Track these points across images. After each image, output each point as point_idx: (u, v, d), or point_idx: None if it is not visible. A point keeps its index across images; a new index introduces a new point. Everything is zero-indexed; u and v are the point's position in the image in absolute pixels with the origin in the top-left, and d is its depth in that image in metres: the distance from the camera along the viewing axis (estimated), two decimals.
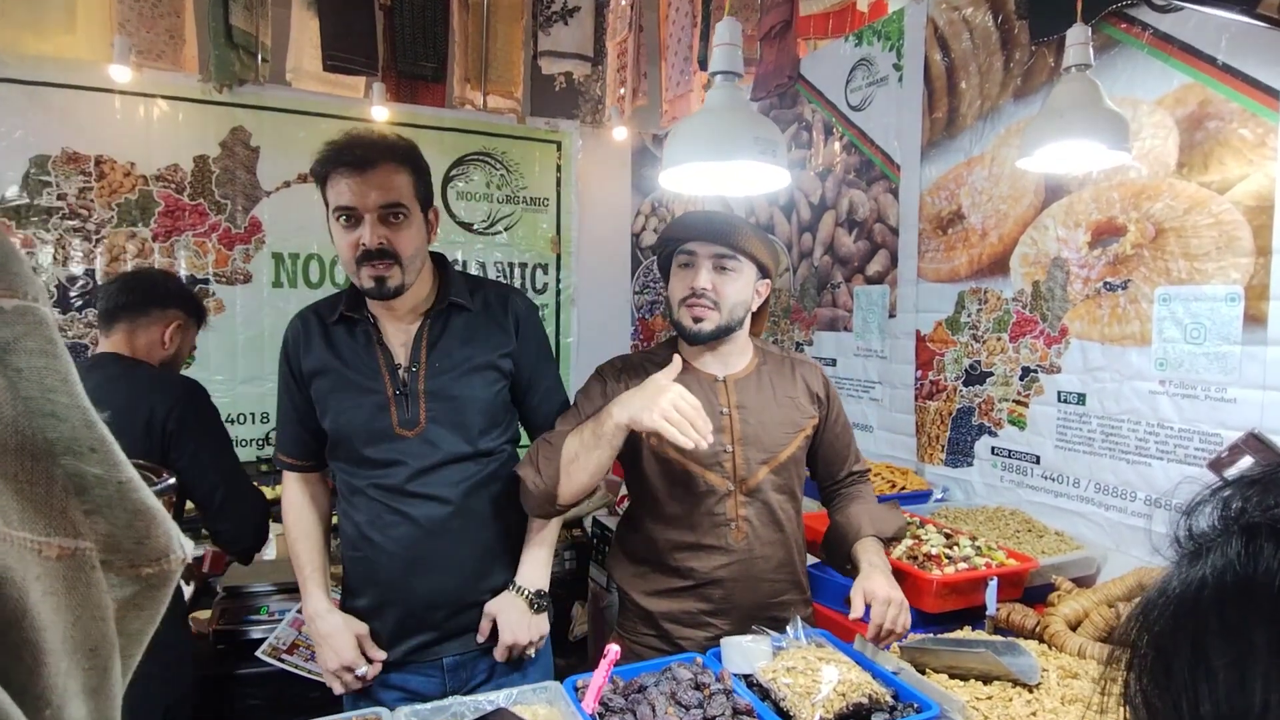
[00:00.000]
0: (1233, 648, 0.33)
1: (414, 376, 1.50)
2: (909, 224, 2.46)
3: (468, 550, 1.53)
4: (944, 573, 1.65)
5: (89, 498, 0.26)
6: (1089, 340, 1.92)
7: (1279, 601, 0.33)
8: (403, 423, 1.48)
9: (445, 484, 1.50)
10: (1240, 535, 0.35)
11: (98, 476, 0.26)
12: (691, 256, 1.51)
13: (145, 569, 0.27)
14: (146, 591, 0.28)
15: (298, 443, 1.56)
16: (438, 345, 1.51)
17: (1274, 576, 0.33)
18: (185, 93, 2.93)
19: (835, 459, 1.68)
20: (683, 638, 1.53)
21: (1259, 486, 0.37)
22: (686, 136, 1.11)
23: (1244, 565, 0.35)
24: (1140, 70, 1.78)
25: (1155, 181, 1.77)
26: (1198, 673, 0.34)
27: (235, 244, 3.07)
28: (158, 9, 2.77)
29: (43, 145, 2.76)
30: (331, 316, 1.52)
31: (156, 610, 0.28)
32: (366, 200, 1.37)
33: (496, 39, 3.28)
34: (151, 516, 0.28)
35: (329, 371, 1.50)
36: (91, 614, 0.26)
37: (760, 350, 1.64)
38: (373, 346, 1.50)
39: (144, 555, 0.27)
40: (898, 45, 2.49)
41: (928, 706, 1.24)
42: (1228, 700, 0.33)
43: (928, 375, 2.40)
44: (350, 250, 1.40)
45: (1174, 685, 0.36)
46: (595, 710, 1.21)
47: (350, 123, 3.19)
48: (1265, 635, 0.32)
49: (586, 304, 3.74)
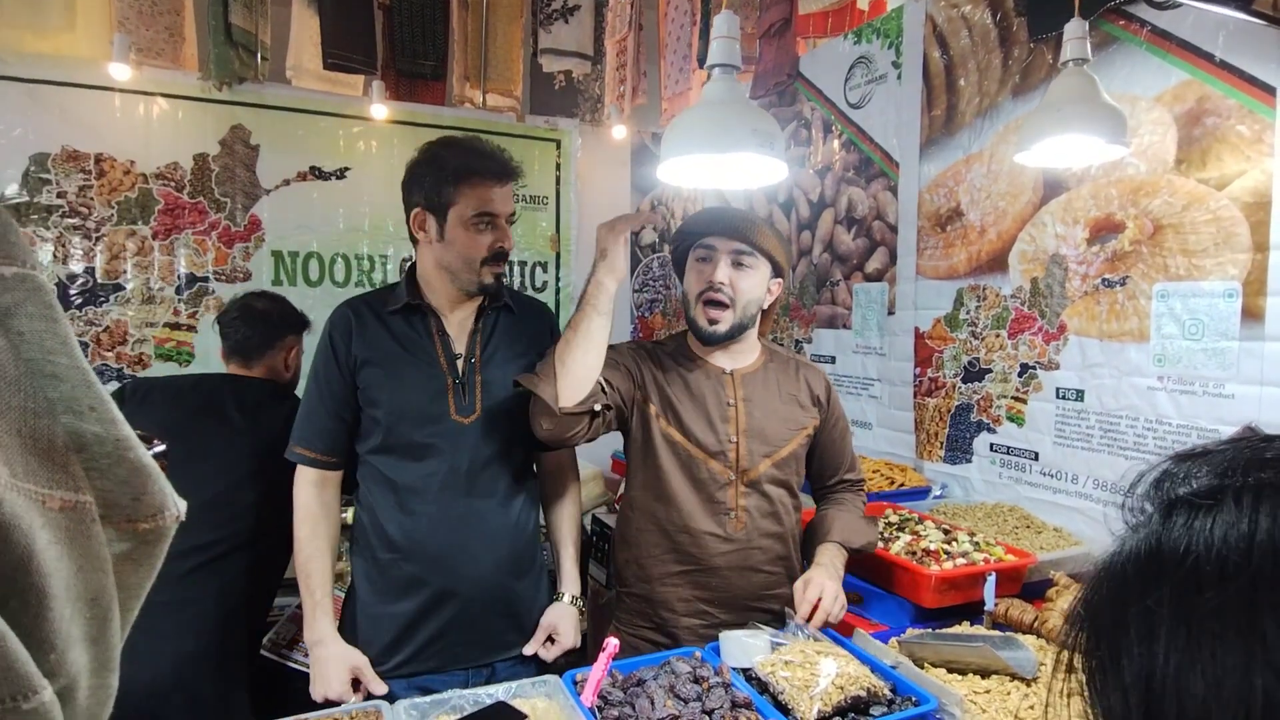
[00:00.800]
0: (1145, 614, 0.35)
1: (472, 367, 1.57)
2: (908, 221, 2.46)
3: (506, 542, 1.57)
4: (942, 568, 1.65)
5: (88, 454, 0.27)
6: (1087, 337, 1.93)
7: (1181, 568, 0.34)
8: (460, 409, 1.54)
9: (496, 474, 1.56)
10: (1161, 510, 0.37)
11: (96, 434, 0.27)
12: (710, 251, 1.54)
13: (142, 524, 0.28)
14: (142, 547, 0.28)
15: (325, 435, 1.54)
16: (493, 338, 1.60)
17: (1179, 544, 0.35)
18: (185, 91, 2.93)
19: (829, 463, 1.70)
20: (679, 627, 1.54)
21: (1188, 462, 0.38)
22: (684, 129, 1.11)
23: (1157, 537, 0.36)
24: (1138, 67, 1.79)
25: (1154, 178, 1.77)
26: (1120, 640, 0.36)
27: (235, 242, 3.07)
28: (157, 7, 2.77)
29: (43, 143, 2.76)
30: (388, 307, 1.57)
31: (153, 565, 0.29)
32: (506, 208, 1.54)
33: (496, 37, 3.28)
34: (147, 474, 0.29)
35: (386, 358, 1.53)
36: (92, 565, 0.26)
37: (767, 349, 1.68)
38: (432, 335, 1.56)
39: (140, 511, 0.28)
40: (897, 43, 2.50)
41: (925, 700, 1.24)
42: (1142, 663, 0.34)
43: (926, 372, 2.40)
44: (483, 250, 1.52)
45: (1104, 653, 0.37)
46: (594, 704, 1.22)
47: (349, 120, 3.19)
48: (1170, 599, 0.34)
49: None
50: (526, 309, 1.70)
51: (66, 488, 0.26)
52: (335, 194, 3.22)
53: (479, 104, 3.32)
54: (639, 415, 1.57)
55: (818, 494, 1.75)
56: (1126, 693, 0.35)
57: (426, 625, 1.53)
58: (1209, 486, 0.36)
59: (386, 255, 3.31)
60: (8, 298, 0.26)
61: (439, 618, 1.53)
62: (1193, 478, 0.37)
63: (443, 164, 1.50)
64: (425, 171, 1.52)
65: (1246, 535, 0.32)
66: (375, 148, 3.27)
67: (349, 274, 3.26)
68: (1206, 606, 0.33)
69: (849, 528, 1.62)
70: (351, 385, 1.53)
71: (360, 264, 3.28)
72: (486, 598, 1.55)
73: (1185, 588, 0.34)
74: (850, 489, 1.73)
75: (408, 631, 1.53)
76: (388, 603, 1.53)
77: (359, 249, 3.27)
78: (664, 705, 1.19)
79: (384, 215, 3.27)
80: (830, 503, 1.71)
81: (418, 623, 1.53)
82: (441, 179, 1.50)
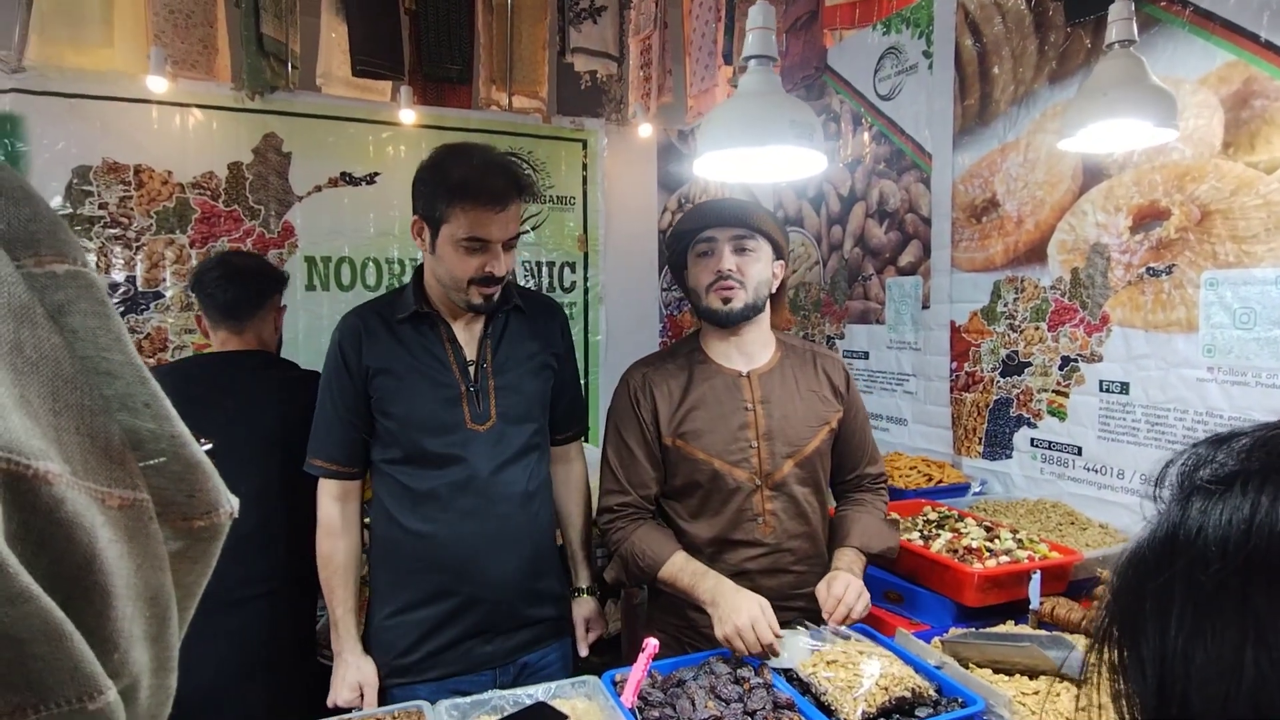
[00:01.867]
0: (1160, 594, 0.37)
1: (484, 373, 1.55)
2: (942, 213, 2.42)
3: (528, 541, 1.59)
4: (985, 566, 1.62)
5: (144, 451, 0.27)
6: (1132, 328, 1.88)
7: (1191, 549, 0.36)
8: (474, 417, 1.53)
9: (515, 477, 1.57)
10: (1181, 495, 0.39)
11: (151, 431, 0.27)
12: (711, 243, 1.53)
13: (197, 522, 0.28)
14: (198, 544, 0.28)
15: (344, 446, 1.55)
16: (502, 343, 1.59)
17: (1192, 528, 0.37)
18: (219, 101, 2.98)
19: (850, 456, 1.67)
20: (709, 627, 1.53)
21: (1212, 448, 0.40)
22: (721, 123, 1.10)
23: (1174, 521, 0.38)
24: (1182, 49, 1.74)
25: (1200, 163, 1.71)
26: (1139, 619, 0.38)
27: (269, 248, 3.11)
28: (191, 19, 2.83)
29: (84, 156, 2.83)
30: (396, 315, 1.55)
31: (208, 563, 0.29)
32: (503, 233, 1.46)
33: (520, 39, 3.29)
34: (202, 471, 0.29)
35: (397, 367, 1.52)
36: (151, 563, 0.26)
37: (782, 343, 1.65)
38: (443, 344, 1.55)
39: (195, 509, 0.28)
40: (927, 32, 2.46)
41: (972, 701, 1.21)
42: (1157, 639, 0.36)
43: (963, 367, 2.36)
44: (470, 272, 1.46)
45: (1126, 633, 0.39)
46: (634, 704, 1.21)
47: (377, 126, 3.22)
48: (1181, 579, 0.36)
49: (615, 302, 3.74)
50: (536, 307, 1.68)
51: (125, 485, 0.26)
52: (365, 199, 3.25)
53: (505, 106, 3.34)
54: (657, 440, 1.58)
55: (838, 490, 1.72)
56: (1144, 667, 0.37)
57: (454, 629, 1.54)
58: (1227, 472, 0.37)
59: (416, 258, 3.34)
60: (61, 295, 0.26)
61: (465, 622, 1.54)
62: (1213, 463, 0.39)
63: (442, 177, 1.44)
64: (426, 180, 1.47)
65: (1247, 517, 0.34)
66: (404, 152, 3.30)
67: (380, 278, 3.29)
68: (1209, 585, 0.35)
69: (868, 531, 1.60)
70: (364, 395, 1.52)
71: (390, 267, 3.31)
72: (513, 598, 1.57)
73: (1193, 568, 0.36)
74: (871, 485, 1.70)
75: (435, 636, 1.54)
76: (414, 609, 1.54)
77: (389, 253, 3.30)
78: (705, 706, 1.18)
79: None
80: (850, 503, 1.68)
81: (445, 627, 1.54)
82: (436, 193, 1.44)
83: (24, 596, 0.22)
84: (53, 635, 0.23)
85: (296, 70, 3.01)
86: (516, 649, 1.58)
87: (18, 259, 0.26)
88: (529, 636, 1.61)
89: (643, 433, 1.56)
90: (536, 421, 1.62)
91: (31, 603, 0.22)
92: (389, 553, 1.56)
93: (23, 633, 0.22)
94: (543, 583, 1.63)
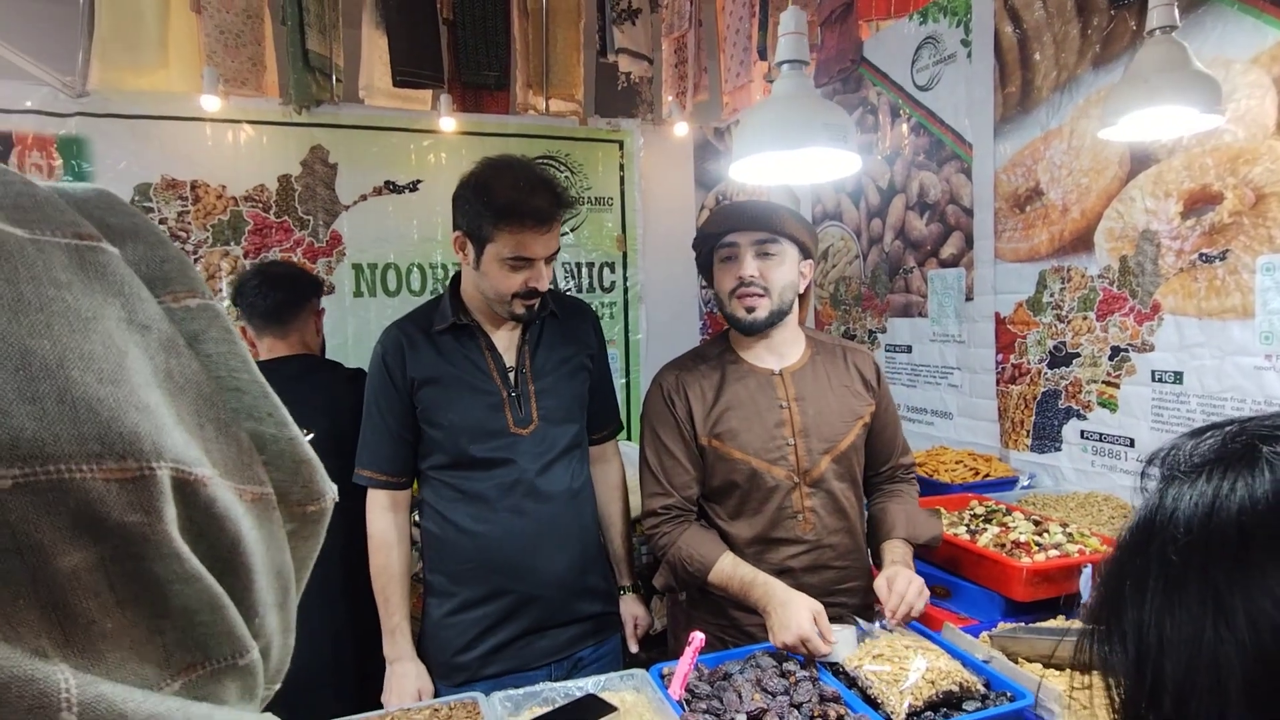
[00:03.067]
0: (1138, 573, 0.40)
1: (524, 378, 1.60)
2: (984, 204, 2.38)
3: (576, 539, 1.64)
4: (1034, 560, 1.60)
5: (267, 453, 0.32)
6: (1184, 315, 1.83)
7: (1165, 530, 0.39)
8: (517, 422, 1.58)
9: (560, 476, 1.61)
10: (1160, 485, 0.42)
11: (273, 435, 0.33)
12: (733, 248, 1.53)
13: (309, 507, 0.34)
14: (308, 526, 0.34)
15: (394, 457, 1.60)
16: (540, 348, 1.63)
17: (1168, 510, 0.40)
18: (268, 116, 3.09)
19: (883, 448, 1.66)
20: (753, 625, 1.54)
21: (1189, 438, 0.42)
22: (756, 127, 1.11)
23: (1153, 506, 0.41)
24: (1231, 28, 1.68)
25: (1253, 144, 1.66)
26: (1120, 598, 0.41)
27: (318, 257, 3.22)
28: (240, 39, 2.93)
29: (145, 174, 2.96)
30: (435, 326, 1.59)
31: (317, 541, 0.35)
32: (545, 250, 1.52)
33: (556, 43, 3.33)
34: (312, 466, 0.34)
35: (441, 377, 1.57)
36: (276, 544, 0.32)
37: (812, 340, 1.65)
38: (482, 352, 1.59)
39: (307, 496, 0.34)
40: (965, 20, 2.42)
41: (1022, 695, 1.21)
42: (1135, 615, 0.40)
43: (1009, 359, 2.33)
44: (515, 287, 1.52)
45: (1110, 612, 0.42)
46: (682, 697, 1.23)
47: (419, 134, 3.30)
48: (1155, 558, 0.39)
49: (654, 301, 3.76)
50: (569, 311, 1.72)
51: (255, 482, 0.31)
52: (409, 206, 3.33)
53: (542, 110, 3.39)
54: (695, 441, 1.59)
55: (872, 483, 1.70)
56: (1125, 641, 0.40)
57: (510, 627, 1.59)
58: (1198, 461, 0.41)
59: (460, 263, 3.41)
60: (195, 325, 0.31)
61: (521, 619, 1.59)
62: (1191, 453, 0.41)
63: (488, 198, 1.47)
64: (470, 199, 1.50)
65: (1210, 501, 0.38)
66: (445, 159, 3.38)
67: (425, 283, 3.37)
68: (1177, 563, 0.38)
69: (914, 521, 1.59)
70: (409, 405, 1.57)
71: (434, 273, 3.39)
72: (565, 595, 1.61)
73: (1165, 548, 0.39)
74: (904, 477, 1.69)
75: (492, 634, 1.59)
76: (471, 608, 1.59)
77: (433, 258, 3.38)
78: (751, 699, 1.20)
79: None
80: (886, 495, 1.67)
81: (501, 625, 1.59)
82: (483, 214, 1.47)
83: (194, 576, 0.27)
84: (215, 606, 0.28)
85: (340, 83, 3.10)
86: (569, 643, 1.63)
87: (159, 296, 0.31)
88: (580, 631, 1.65)
89: (680, 433, 1.57)
90: (577, 422, 1.67)
91: (200, 581, 0.28)
92: (443, 552, 1.61)
93: (193, 604, 0.28)
94: (591, 579, 1.68)
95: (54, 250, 0.27)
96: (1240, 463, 0.38)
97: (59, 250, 0.27)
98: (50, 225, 0.28)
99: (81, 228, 0.29)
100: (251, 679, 0.31)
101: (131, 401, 0.26)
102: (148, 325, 0.29)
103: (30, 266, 0.26)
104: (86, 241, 0.28)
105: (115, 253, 0.29)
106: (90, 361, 0.26)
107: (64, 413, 0.24)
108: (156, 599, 0.27)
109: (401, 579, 1.61)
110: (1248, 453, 0.38)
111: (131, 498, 0.25)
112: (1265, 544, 0.35)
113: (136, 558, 0.26)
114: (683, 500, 1.56)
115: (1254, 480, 0.37)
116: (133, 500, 0.25)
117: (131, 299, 0.29)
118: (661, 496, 1.56)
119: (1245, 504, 0.37)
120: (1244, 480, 0.37)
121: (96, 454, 0.25)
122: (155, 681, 0.27)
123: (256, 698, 0.32)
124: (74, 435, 0.24)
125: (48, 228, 0.28)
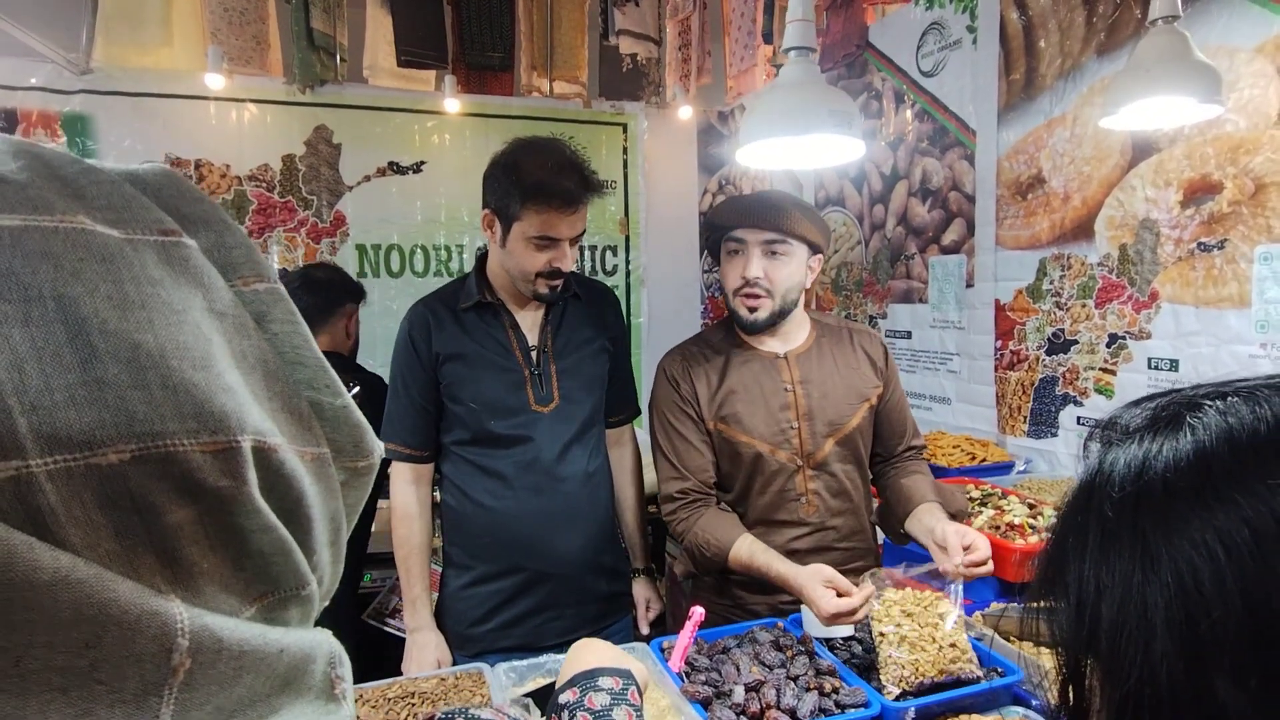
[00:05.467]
0: (1078, 530, 0.44)
1: (546, 357, 1.63)
2: (986, 190, 2.39)
3: (592, 518, 1.67)
4: (1027, 542, 1.63)
5: (324, 418, 0.38)
6: (1182, 304, 1.85)
7: (1101, 490, 0.43)
8: (539, 399, 1.61)
9: (578, 456, 1.64)
10: (1101, 450, 0.46)
11: (330, 403, 0.38)
12: (740, 244, 1.51)
13: (359, 462, 0.40)
14: (358, 478, 0.40)
15: (418, 430, 1.63)
16: (562, 329, 1.66)
17: (1105, 473, 0.44)
18: (272, 95, 3.09)
19: (894, 430, 1.66)
20: (755, 603, 1.57)
21: (1128, 408, 0.47)
22: (761, 113, 1.13)
23: (1092, 470, 0.45)
24: (1236, 17, 1.69)
25: (1254, 134, 1.68)
26: (1063, 553, 0.45)
27: (322, 237, 3.23)
28: (244, 16, 2.93)
29: (149, 152, 2.97)
30: (461, 304, 1.62)
31: (365, 490, 0.41)
32: (572, 231, 1.54)
33: (560, 25, 3.32)
34: (362, 428, 0.40)
35: (465, 353, 1.60)
36: (332, 494, 0.38)
37: (816, 323, 1.65)
38: (506, 330, 1.62)
39: (359, 454, 0.40)
40: (971, 6, 2.42)
41: (1012, 671, 1.24)
42: (1075, 568, 0.44)
43: (1008, 345, 2.35)
44: (538, 266, 1.54)
45: (1054, 568, 0.46)
46: (681, 669, 1.27)
47: (423, 115, 3.30)
48: (1094, 517, 0.43)
49: (656, 284, 3.78)
50: (592, 293, 1.74)
51: (314, 444, 0.36)
52: (413, 187, 3.34)
53: (546, 92, 3.38)
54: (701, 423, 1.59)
55: (885, 466, 1.68)
56: (1067, 591, 0.44)
57: (524, 602, 1.62)
58: (1134, 426, 0.45)
59: (462, 245, 3.43)
60: (262, 307, 0.36)
61: (536, 596, 1.62)
62: (1129, 421, 0.45)
63: (518, 176, 1.49)
64: (500, 177, 1.52)
65: (1140, 460, 0.42)
66: (448, 141, 3.38)
67: (428, 264, 3.39)
68: (1112, 518, 0.42)
69: (943, 492, 1.61)
70: (434, 380, 1.61)
71: (438, 254, 3.40)
72: (580, 573, 1.65)
73: (1102, 504, 0.43)
74: (917, 457, 1.69)
75: (507, 608, 1.62)
76: (487, 581, 1.63)
77: (436, 239, 3.39)
78: (749, 671, 1.23)
79: (459, 206, 3.38)
80: (905, 472, 1.64)
81: (516, 600, 1.62)
82: (511, 192, 1.49)
83: (270, 527, 0.33)
84: (285, 550, 0.34)
85: (344, 63, 3.10)
86: (584, 622, 1.65)
87: (230, 282, 0.35)
88: (595, 611, 1.68)
89: (691, 416, 1.57)
90: (595, 403, 1.69)
91: (274, 530, 0.34)
92: (461, 527, 1.65)
93: (268, 548, 0.34)
94: (605, 558, 1.71)
95: (145, 249, 0.31)
96: (1168, 427, 0.42)
97: (149, 248, 0.31)
98: (139, 224, 0.32)
99: (164, 223, 0.33)
100: (310, 606, 0.37)
101: (219, 384, 0.31)
102: (224, 312, 0.33)
103: (130, 267, 0.30)
104: (170, 238, 0.33)
105: (194, 245, 0.34)
106: (185, 351, 0.30)
107: (167, 397, 0.29)
108: (241, 544, 0.32)
109: (423, 550, 1.65)
110: (1174, 419, 0.42)
111: (222, 465, 0.30)
112: (1186, 497, 0.40)
113: (227, 513, 0.31)
114: (699, 484, 1.55)
115: (1178, 442, 0.41)
116: (223, 467, 0.30)
117: (211, 289, 0.33)
118: (677, 480, 1.56)
119: (1170, 463, 0.41)
120: (1170, 442, 0.42)
121: (194, 430, 0.30)
122: (236, 608, 0.33)
123: (311, 619, 0.38)
124: (176, 415, 0.29)
125: (138, 227, 0.32)
